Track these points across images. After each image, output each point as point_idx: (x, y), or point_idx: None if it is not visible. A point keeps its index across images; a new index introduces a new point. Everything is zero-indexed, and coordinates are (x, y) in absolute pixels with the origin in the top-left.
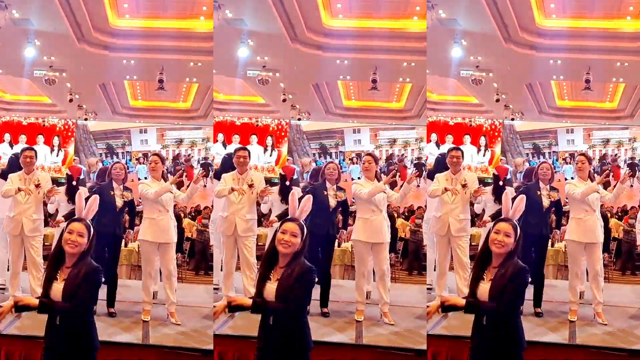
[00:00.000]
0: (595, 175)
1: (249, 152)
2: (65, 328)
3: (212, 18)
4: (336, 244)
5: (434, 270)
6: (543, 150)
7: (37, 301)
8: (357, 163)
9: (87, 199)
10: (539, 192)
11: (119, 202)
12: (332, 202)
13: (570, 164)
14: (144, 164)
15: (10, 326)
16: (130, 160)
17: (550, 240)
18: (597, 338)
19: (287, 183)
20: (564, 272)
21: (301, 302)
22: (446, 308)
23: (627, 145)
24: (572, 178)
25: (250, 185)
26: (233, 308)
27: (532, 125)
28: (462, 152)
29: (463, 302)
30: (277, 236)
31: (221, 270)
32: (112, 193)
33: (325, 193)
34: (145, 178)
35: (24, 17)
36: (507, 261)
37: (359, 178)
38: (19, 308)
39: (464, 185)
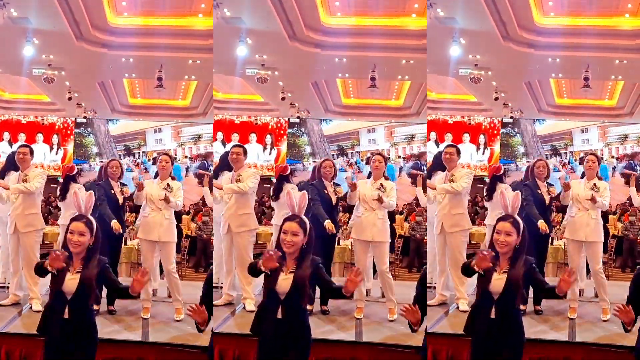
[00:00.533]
0: (614, 172)
1: (243, 150)
2: (74, 323)
3: (210, 15)
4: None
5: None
6: (560, 150)
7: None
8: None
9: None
10: (539, 190)
11: (120, 199)
12: (334, 199)
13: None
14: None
15: (10, 324)
16: (148, 160)
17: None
18: (597, 335)
19: (274, 181)
20: (563, 269)
21: (311, 295)
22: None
23: None
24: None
25: (238, 180)
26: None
27: (551, 128)
28: (456, 149)
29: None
30: (280, 237)
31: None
32: (112, 191)
33: (326, 191)
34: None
35: (23, 16)
36: (519, 259)
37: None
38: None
39: (451, 180)
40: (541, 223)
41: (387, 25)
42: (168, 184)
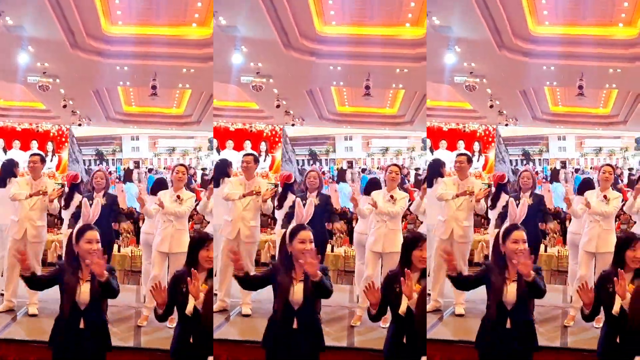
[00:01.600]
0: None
1: (255, 157)
2: (89, 333)
3: (204, 25)
4: (329, 248)
5: (428, 275)
6: (533, 156)
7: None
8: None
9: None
10: (518, 202)
11: None
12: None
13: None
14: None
15: (4, 330)
16: (122, 168)
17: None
18: (589, 341)
19: (280, 190)
20: (557, 276)
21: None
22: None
23: (618, 154)
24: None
25: (257, 193)
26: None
27: (524, 131)
28: (468, 157)
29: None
30: (296, 247)
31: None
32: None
33: (304, 202)
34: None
35: (17, 24)
36: None
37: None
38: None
39: (471, 193)
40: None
41: (382, 34)
42: (178, 196)
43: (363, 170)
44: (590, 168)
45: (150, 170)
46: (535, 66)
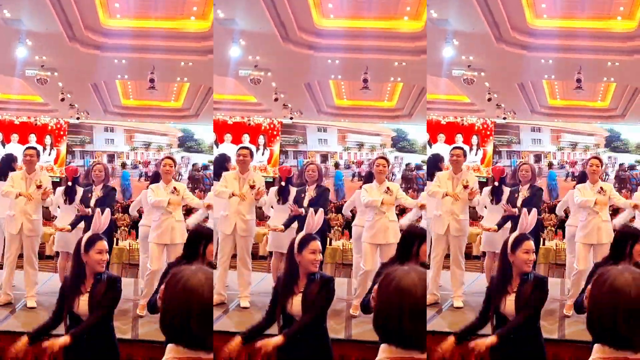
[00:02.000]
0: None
1: (250, 151)
2: (93, 343)
3: (203, 18)
4: (327, 242)
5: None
6: (499, 147)
7: (67, 339)
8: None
9: None
10: (516, 195)
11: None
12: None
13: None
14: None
15: (2, 323)
16: (91, 162)
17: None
18: (586, 333)
19: (282, 183)
20: (554, 270)
21: (325, 310)
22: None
23: (592, 150)
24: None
25: (252, 187)
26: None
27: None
28: (464, 151)
29: (494, 339)
30: (307, 257)
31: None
32: (89, 195)
33: (303, 195)
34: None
35: (16, 17)
36: (529, 275)
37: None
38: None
39: (465, 187)
40: None
41: (379, 28)
42: (175, 187)
43: (336, 165)
44: (566, 162)
45: (124, 165)
46: (534, 59)
